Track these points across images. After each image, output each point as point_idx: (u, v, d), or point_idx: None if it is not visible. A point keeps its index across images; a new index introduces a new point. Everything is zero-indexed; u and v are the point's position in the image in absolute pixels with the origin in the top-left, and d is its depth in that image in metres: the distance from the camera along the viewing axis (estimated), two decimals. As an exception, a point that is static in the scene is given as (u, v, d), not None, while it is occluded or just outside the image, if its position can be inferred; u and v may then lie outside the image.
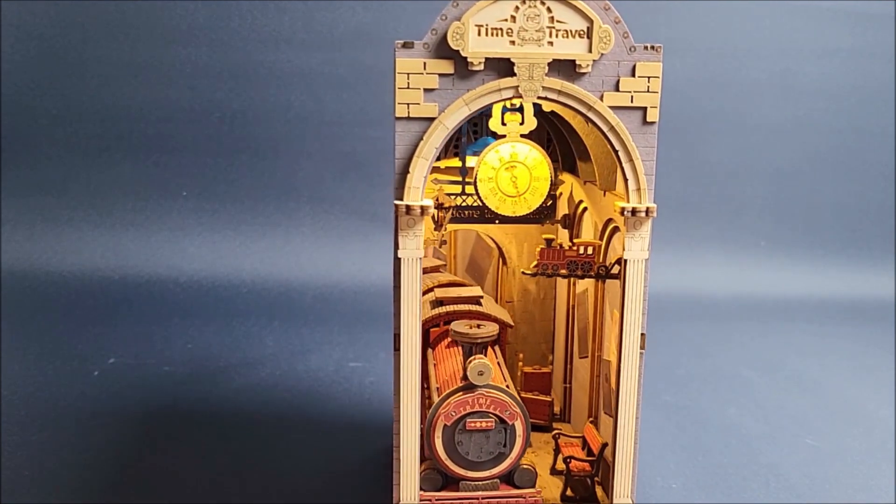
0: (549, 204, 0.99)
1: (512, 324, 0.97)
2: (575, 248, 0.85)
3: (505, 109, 0.82)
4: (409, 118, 0.70)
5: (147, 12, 1.97)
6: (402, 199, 0.71)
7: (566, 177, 1.00)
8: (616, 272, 0.78)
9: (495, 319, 0.89)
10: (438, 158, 0.89)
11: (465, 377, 0.78)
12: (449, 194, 0.94)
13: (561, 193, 1.01)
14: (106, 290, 1.85)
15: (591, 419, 0.94)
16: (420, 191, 0.71)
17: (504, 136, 0.83)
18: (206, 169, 2.03)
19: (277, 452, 1.11)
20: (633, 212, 0.74)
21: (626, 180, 0.74)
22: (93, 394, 1.31)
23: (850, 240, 2.18)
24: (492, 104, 0.72)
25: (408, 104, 0.70)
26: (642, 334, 0.76)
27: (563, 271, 0.84)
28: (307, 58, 2.01)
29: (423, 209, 0.70)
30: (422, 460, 0.79)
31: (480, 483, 0.79)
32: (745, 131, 2.14)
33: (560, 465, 0.89)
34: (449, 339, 0.91)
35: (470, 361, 0.78)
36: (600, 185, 0.86)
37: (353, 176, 2.05)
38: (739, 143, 2.15)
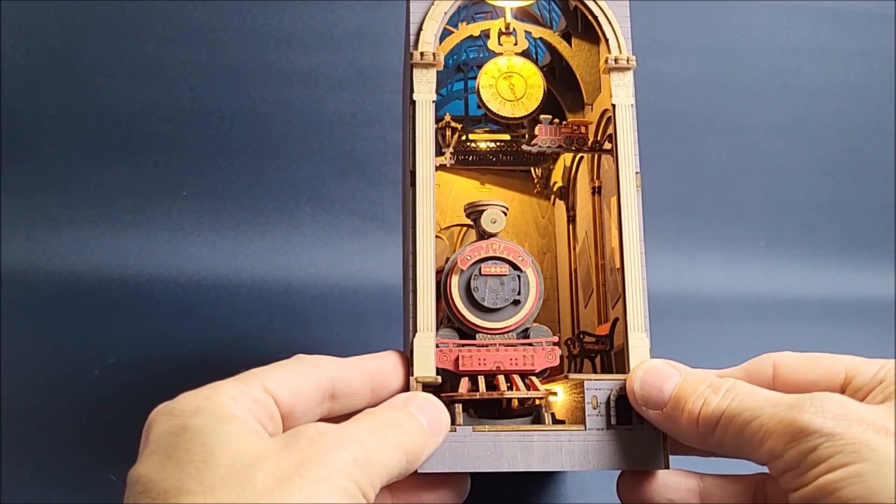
0: (548, 119, 1.05)
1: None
2: (570, 125, 0.95)
3: (501, 33, 0.94)
4: None
5: (147, 12, 1.97)
6: (417, 48, 0.84)
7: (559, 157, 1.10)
8: (608, 148, 0.87)
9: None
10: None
11: (479, 229, 0.83)
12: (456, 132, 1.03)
13: (553, 167, 1.11)
14: (106, 290, 1.85)
15: (600, 324, 0.97)
16: (431, 45, 0.84)
17: (501, 55, 0.94)
18: (206, 169, 2.03)
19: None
20: (616, 60, 0.86)
21: (606, 39, 0.87)
22: (93, 394, 1.31)
23: (850, 240, 2.18)
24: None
25: None
26: (636, 172, 0.82)
27: (562, 145, 0.93)
28: (307, 58, 2.01)
29: (435, 56, 0.83)
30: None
31: (496, 334, 0.80)
32: (745, 131, 2.14)
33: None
34: None
35: (482, 212, 0.82)
36: (587, 99, 0.98)
37: (353, 176, 2.04)
38: (739, 143, 2.15)
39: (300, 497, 0.52)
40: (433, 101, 0.81)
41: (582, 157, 1.05)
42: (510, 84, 0.92)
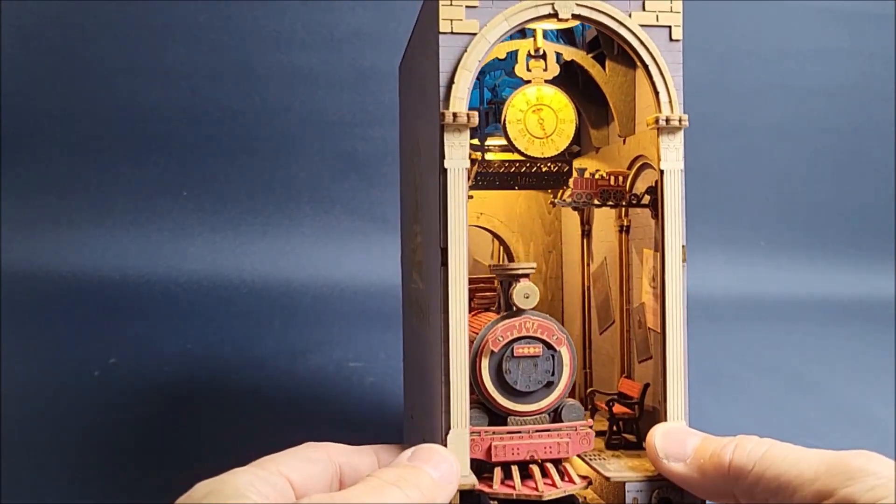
0: (576, 150, 1.02)
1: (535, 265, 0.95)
2: (606, 177, 0.86)
3: (529, 56, 0.85)
4: (452, 33, 0.74)
5: (147, 12, 1.97)
6: (448, 108, 0.73)
7: (578, 161, 1.03)
8: (646, 202, 0.80)
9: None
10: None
11: (508, 304, 0.77)
12: (473, 160, 0.97)
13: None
14: (106, 290, 1.85)
15: (624, 375, 0.92)
16: (465, 101, 0.73)
17: (529, 82, 0.85)
18: (206, 169, 2.03)
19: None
20: (668, 121, 0.77)
21: (657, 94, 0.77)
22: (93, 393, 1.31)
23: (850, 240, 2.18)
24: (529, 20, 0.75)
25: (451, 20, 0.74)
26: (682, 246, 0.77)
27: (597, 200, 0.86)
28: (307, 58, 2.01)
29: (469, 116, 0.72)
30: None
31: (529, 417, 0.75)
32: (746, 131, 2.14)
33: (597, 427, 0.85)
34: (475, 311, 0.90)
35: (514, 287, 0.76)
36: (621, 132, 0.89)
37: (353, 176, 2.05)
38: (740, 143, 2.15)
39: None
40: (466, 169, 0.73)
41: (598, 171, 0.96)
42: (539, 119, 0.85)
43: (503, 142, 0.91)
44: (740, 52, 2.10)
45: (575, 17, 0.75)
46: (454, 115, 0.72)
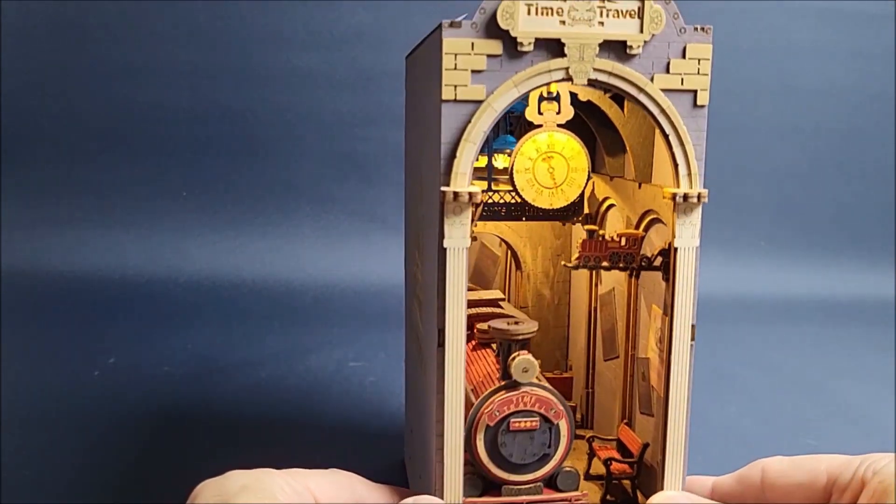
0: (579, 200, 0.97)
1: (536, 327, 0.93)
2: (617, 239, 0.82)
3: (541, 98, 0.79)
4: (455, 101, 0.66)
5: (147, 12, 1.97)
6: (449, 186, 0.66)
7: (591, 181, 0.98)
8: (658, 264, 0.76)
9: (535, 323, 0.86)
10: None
11: (505, 376, 0.75)
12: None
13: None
14: (106, 290, 1.85)
15: (625, 421, 0.90)
16: (467, 177, 0.66)
17: (541, 126, 0.79)
18: (206, 169, 2.03)
19: (277, 452, 1.11)
20: (685, 197, 0.70)
21: (675, 165, 0.70)
22: (93, 393, 1.31)
23: (850, 240, 2.18)
24: (539, 86, 0.68)
25: (455, 86, 0.66)
26: (692, 325, 0.74)
27: (606, 263, 0.81)
28: (307, 58, 2.01)
29: (471, 196, 0.66)
30: None
31: (523, 487, 0.75)
32: (745, 131, 2.14)
33: (595, 470, 0.86)
34: (475, 342, 0.88)
35: (513, 358, 0.74)
36: (636, 177, 0.83)
37: (353, 176, 2.05)
38: (739, 143, 2.15)
39: None
40: (466, 248, 0.67)
41: (612, 205, 0.93)
42: (549, 167, 0.79)
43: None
44: (740, 52, 2.10)
45: (591, 82, 0.68)
46: (455, 194, 0.65)
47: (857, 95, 2.16)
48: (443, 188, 0.66)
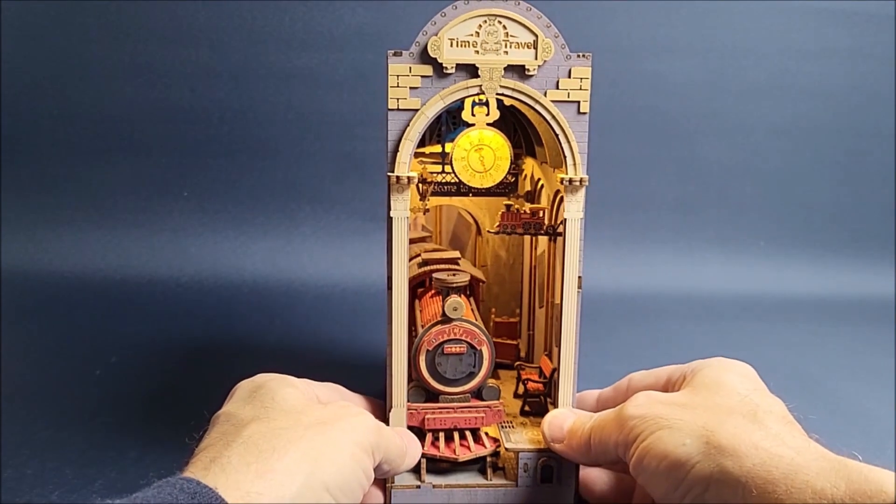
0: (511, 180, 1.21)
1: (484, 279, 1.20)
2: (529, 211, 1.08)
3: (474, 104, 1.00)
4: (398, 109, 0.91)
5: (147, 12, 1.98)
6: (393, 172, 0.92)
7: (528, 160, 1.19)
8: (561, 231, 0.97)
9: (470, 274, 1.10)
10: (423, 144, 1.14)
11: (443, 314, 0.97)
12: (432, 172, 1.18)
13: (524, 173, 1.22)
14: (107, 291, 1.86)
15: (546, 353, 1.14)
16: (407, 165, 0.92)
17: (473, 125, 1.01)
18: (206, 169, 2.03)
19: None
20: (570, 181, 0.93)
21: (564, 157, 0.93)
22: (94, 393, 1.31)
23: (850, 240, 2.18)
24: (462, 99, 0.92)
25: (397, 99, 0.91)
26: (579, 277, 0.95)
27: (520, 230, 1.07)
28: (307, 58, 2.01)
29: (409, 179, 0.92)
30: (409, 381, 0.98)
31: (455, 397, 0.98)
32: (745, 131, 2.15)
33: (522, 390, 1.11)
34: (432, 291, 1.09)
35: (446, 301, 0.97)
36: (550, 163, 1.05)
37: (353, 176, 2.05)
38: (739, 143, 2.15)
39: (329, 436, 0.75)
40: (407, 217, 0.92)
41: (544, 184, 1.15)
42: (480, 157, 1.02)
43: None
44: (740, 52, 2.10)
45: (499, 94, 0.91)
46: (397, 178, 0.91)
47: (857, 95, 2.16)
48: (388, 173, 0.92)
